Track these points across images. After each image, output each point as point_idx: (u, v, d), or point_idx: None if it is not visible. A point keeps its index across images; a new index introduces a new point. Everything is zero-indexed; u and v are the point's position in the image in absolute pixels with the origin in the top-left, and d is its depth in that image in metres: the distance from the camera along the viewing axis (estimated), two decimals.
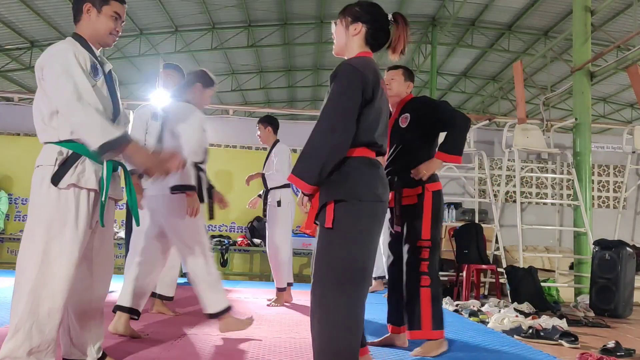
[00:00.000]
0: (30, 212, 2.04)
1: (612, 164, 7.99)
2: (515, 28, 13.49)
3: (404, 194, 3.03)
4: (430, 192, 3.02)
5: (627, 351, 3.25)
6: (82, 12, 2.16)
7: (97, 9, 2.14)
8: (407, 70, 3.31)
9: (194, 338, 3.06)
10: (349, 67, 1.98)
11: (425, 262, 2.95)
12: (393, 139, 3.17)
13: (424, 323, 2.90)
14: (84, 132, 1.97)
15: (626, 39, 7.18)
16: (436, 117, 3.10)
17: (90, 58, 2.10)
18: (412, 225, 3.01)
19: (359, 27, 2.07)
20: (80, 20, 2.17)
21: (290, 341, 3.15)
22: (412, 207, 3.02)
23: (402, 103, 3.24)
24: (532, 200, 7.70)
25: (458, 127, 3.07)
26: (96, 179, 2.07)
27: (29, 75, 15.07)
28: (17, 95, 8.38)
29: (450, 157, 3.07)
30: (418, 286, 2.92)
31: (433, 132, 3.17)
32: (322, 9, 13.08)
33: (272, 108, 15.33)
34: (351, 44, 2.09)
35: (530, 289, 5.38)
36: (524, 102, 7.39)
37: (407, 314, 2.98)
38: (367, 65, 2.01)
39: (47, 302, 1.96)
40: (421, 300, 2.91)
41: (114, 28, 2.17)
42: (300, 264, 7.37)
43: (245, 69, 16.47)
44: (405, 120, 3.14)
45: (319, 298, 1.93)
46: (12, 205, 7.26)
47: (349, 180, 1.95)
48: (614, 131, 9.23)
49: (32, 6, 11.52)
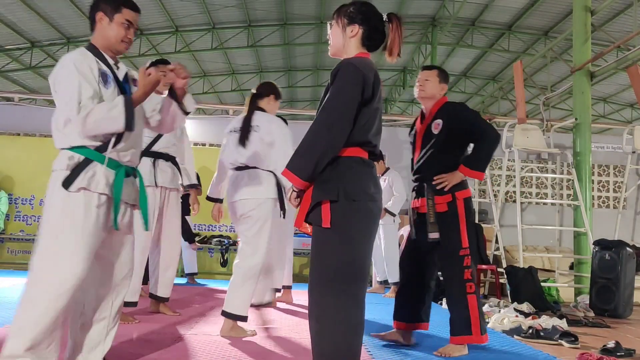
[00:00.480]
0: (43, 215, 2.10)
1: (612, 164, 7.99)
2: (515, 28, 13.49)
3: (436, 201, 3.04)
4: (461, 200, 3.04)
5: (627, 351, 3.25)
6: (96, 22, 2.21)
7: (109, 17, 2.18)
8: (443, 72, 3.25)
9: (193, 338, 3.06)
10: (350, 66, 1.98)
11: (468, 269, 2.98)
12: (424, 143, 3.16)
13: (474, 329, 2.93)
14: (103, 129, 2.07)
15: (626, 39, 7.18)
16: (468, 129, 3.09)
17: (100, 66, 2.14)
18: (448, 235, 3.01)
19: (356, 28, 2.07)
20: (94, 29, 2.23)
21: (290, 341, 3.15)
22: (444, 215, 3.02)
23: (435, 107, 3.18)
24: (532, 200, 7.70)
25: (488, 144, 3.08)
26: (107, 183, 2.11)
27: (29, 75, 15.09)
28: (17, 95, 8.37)
29: (472, 173, 3.06)
30: (465, 293, 2.95)
31: (464, 141, 3.16)
32: (322, 9, 13.08)
33: None
34: (348, 46, 2.09)
35: (530, 289, 5.38)
36: (524, 102, 7.39)
37: (454, 320, 3.00)
38: (367, 65, 2.01)
39: (52, 302, 1.98)
40: (470, 307, 2.94)
41: (125, 35, 2.20)
42: (300, 264, 7.37)
43: (245, 69, 16.47)
44: (438, 127, 3.11)
45: (316, 298, 1.93)
46: (12, 205, 7.26)
47: (343, 180, 1.94)
48: (614, 131, 9.24)
49: (32, 6, 11.52)
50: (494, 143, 3.10)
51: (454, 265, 3.01)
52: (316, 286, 1.93)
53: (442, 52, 15.03)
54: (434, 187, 3.05)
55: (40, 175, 7.25)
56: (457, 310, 3.00)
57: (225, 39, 14.32)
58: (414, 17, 13.86)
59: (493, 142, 3.09)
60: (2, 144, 7.37)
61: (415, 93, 3.24)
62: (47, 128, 8.60)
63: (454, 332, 3.00)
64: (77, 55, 2.13)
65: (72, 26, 12.81)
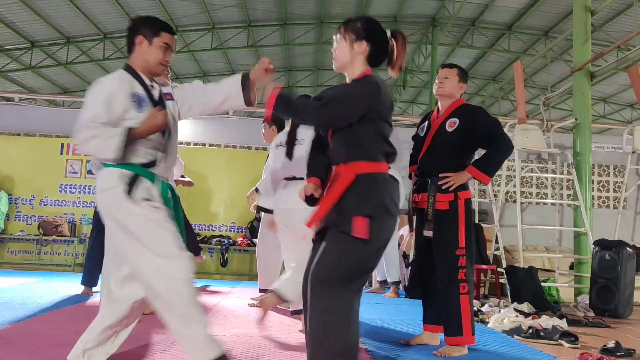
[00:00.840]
0: (120, 232, 2.16)
1: (612, 164, 7.99)
2: (515, 28, 13.49)
3: (437, 198, 3.03)
4: (463, 200, 3.03)
5: (627, 351, 3.25)
6: (135, 44, 2.28)
7: (148, 40, 2.26)
8: (462, 71, 3.24)
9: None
10: (374, 79, 2.08)
11: (463, 270, 2.97)
12: (434, 140, 3.14)
13: (465, 329, 2.94)
14: (98, 155, 2.18)
15: (626, 39, 7.18)
16: (485, 134, 3.08)
17: (136, 90, 2.23)
18: (447, 234, 3.00)
19: (364, 45, 2.11)
20: (132, 51, 2.30)
21: (290, 341, 3.15)
22: (444, 213, 3.01)
23: (453, 106, 3.17)
24: (532, 200, 7.70)
25: (502, 151, 3.09)
26: (159, 197, 2.25)
27: (29, 75, 15.09)
28: (17, 95, 8.37)
29: (482, 176, 3.05)
30: (458, 294, 2.95)
31: (476, 145, 3.15)
32: (322, 9, 13.08)
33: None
34: (355, 62, 2.13)
35: (530, 289, 5.38)
36: (524, 102, 7.39)
37: (447, 320, 3.00)
38: (384, 84, 2.10)
39: (185, 290, 2.11)
40: (462, 308, 2.94)
41: (163, 58, 2.30)
42: None
43: (245, 69, 16.27)
44: (453, 125, 3.09)
45: (317, 297, 1.94)
46: (12, 205, 7.25)
47: (381, 196, 2.01)
48: (614, 131, 9.24)
49: (32, 6, 11.52)
50: (507, 152, 3.13)
51: (448, 264, 3.00)
52: (319, 285, 1.94)
53: (442, 52, 15.03)
54: (437, 184, 3.04)
55: (40, 175, 7.29)
56: (449, 310, 2.99)
57: (225, 39, 14.32)
58: (414, 17, 13.86)
59: (507, 152, 3.12)
60: (2, 144, 7.37)
61: (435, 90, 3.23)
62: (47, 128, 8.61)
63: (447, 332, 3.00)
64: (114, 80, 2.21)
65: (72, 26, 12.81)
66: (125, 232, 2.14)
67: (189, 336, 2.08)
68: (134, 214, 2.13)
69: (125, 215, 2.14)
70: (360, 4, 12.87)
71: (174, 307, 2.09)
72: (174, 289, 2.08)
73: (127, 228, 2.14)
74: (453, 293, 2.97)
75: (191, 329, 2.08)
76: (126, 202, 2.13)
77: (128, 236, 2.14)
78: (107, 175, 2.18)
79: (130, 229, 2.13)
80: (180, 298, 2.08)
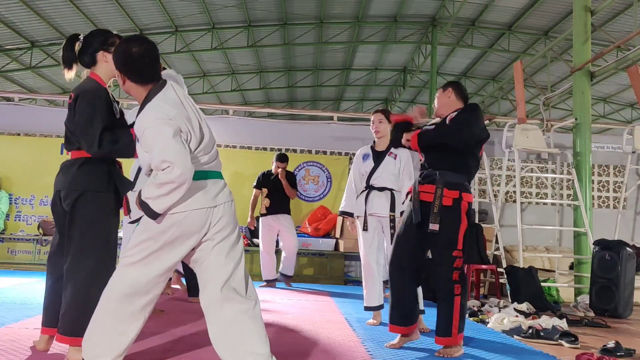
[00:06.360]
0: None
1: (612, 164, 7.98)
2: (515, 28, 13.50)
3: (444, 193, 3.03)
4: (466, 202, 3.04)
5: (627, 351, 3.25)
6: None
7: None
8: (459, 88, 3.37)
9: (193, 338, 3.06)
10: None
11: (457, 271, 2.99)
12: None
13: (453, 330, 2.95)
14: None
15: (626, 39, 7.18)
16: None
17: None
18: (446, 231, 2.99)
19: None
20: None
21: (290, 341, 3.15)
22: (447, 209, 3.00)
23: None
24: (532, 200, 7.69)
25: (444, 132, 3.11)
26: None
27: (29, 75, 15.08)
28: (17, 95, 8.36)
29: (412, 139, 3.14)
30: (452, 295, 2.96)
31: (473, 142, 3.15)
32: (322, 9, 13.09)
33: (272, 108, 15.34)
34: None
35: (530, 289, 5.38)
36: (524, 102, 7.38)
37: (439, 320, 3.01)
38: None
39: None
40: (454, 309, 2.95)
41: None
42: (300, 264, 7.36)
43: (245, 69, 16.46)
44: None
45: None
46: (12, 205, 7.25)
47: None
48: (614, 131, 9.21)
49: (32, 6, 11.52)
50: (447, 136, 3.09)
51: (445, 263, 3.00)
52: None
53: (442, 52, 15.04)
54: (446, 178, 3.03)
55: (40, 175, 7.28)
56: (442, 309, 3.00)
57: (225, 39, 14.33)
58: (414, 17, 13.87)
59: (447, 135, 3.09)
60: (2, 144, 7.36)
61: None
62: (47, 128, 8.56)
63: (438, 332, 3.00)
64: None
65: (72, 26, 12.79)
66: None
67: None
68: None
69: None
70: (360, 3, 12.88)
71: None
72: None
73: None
74: (447, 293, 2.97)
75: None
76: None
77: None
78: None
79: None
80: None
